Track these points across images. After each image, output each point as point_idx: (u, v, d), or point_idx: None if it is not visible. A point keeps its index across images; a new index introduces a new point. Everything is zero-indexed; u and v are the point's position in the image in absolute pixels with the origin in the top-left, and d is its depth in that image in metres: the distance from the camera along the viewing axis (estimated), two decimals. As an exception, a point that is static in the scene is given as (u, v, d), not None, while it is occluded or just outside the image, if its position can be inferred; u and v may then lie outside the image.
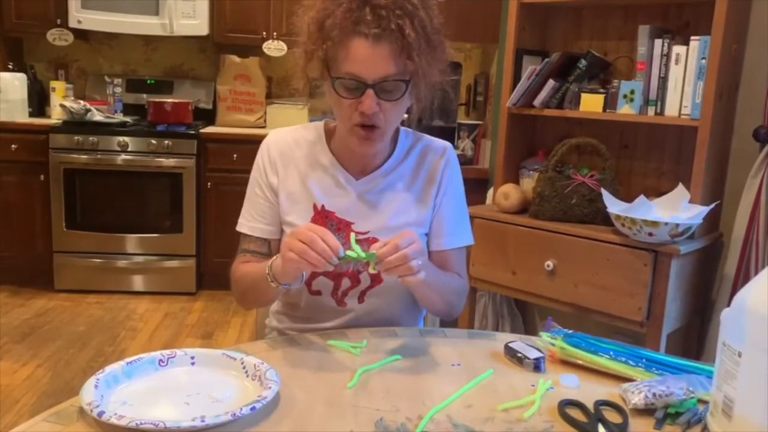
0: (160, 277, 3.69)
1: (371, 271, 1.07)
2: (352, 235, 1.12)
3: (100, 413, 0.82)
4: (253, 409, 0.86)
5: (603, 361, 1.09)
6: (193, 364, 1.01)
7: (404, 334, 1.23)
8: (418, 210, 1.30)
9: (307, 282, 1.28)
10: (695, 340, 2.32)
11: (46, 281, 3.61)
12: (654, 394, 0.95)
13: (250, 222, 1.30)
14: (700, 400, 0.97)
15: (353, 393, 0.98)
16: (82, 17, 3.65)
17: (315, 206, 1.27)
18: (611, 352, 1.10)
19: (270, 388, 0.92)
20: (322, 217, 1.26)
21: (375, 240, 1.25)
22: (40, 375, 2.66)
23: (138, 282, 3.69)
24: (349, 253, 1.04)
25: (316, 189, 1.28)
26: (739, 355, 0.80)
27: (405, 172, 1.31)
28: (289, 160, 1.30)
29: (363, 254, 1.05)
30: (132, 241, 3.66)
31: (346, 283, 1.28)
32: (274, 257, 1.14)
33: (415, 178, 1.31)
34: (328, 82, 1.17)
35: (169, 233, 3.66)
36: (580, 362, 1.11)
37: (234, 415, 0.84)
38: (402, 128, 1.34)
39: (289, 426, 0.87)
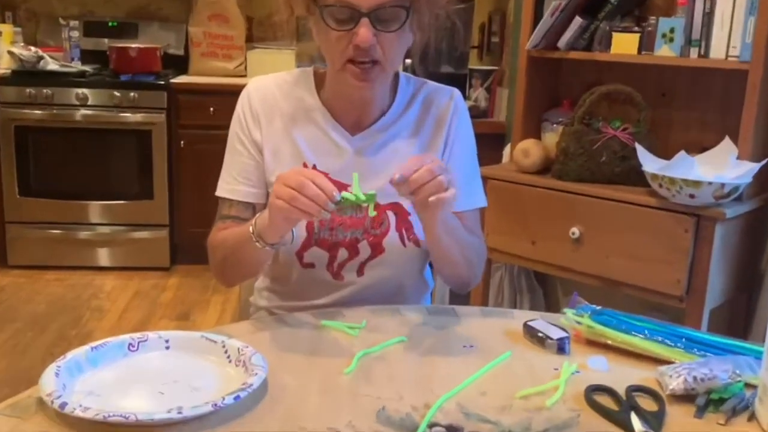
0: (128, 251, 3.70)
1: (370, 214, 1.08)
2: (355, 176, 1.10)
3: (63, 404, 0.83)
4: (236, 398, 0.87)
5: (636, 341, 1.09)
6: (167, 348, 1.02)
7: (409, 312, 1.23)
8: None
9: (299, 253, 1.28)
10: (742, 316, 2.33)
11: (-2, 256, 3.63)
12: (695, 378, 0.96)
13: (231, 184, 1.29)
14: (747, 384, 0.97)
15: (351, 379, 0.98)
16: (29, -52, 3.59)
17: (305, 165, 1.27)
18: (646, 331, 1.11)
19: (256, 374, 0.92)
20: None
21: (375, 204, 1.25)
22: (-5, 362, 2.69)
23: (103, 256, 3.70)
24: (345, 194, 1.04)
25: (305, 146, 1.28)
26: (793, 332, 0.80)
27: (407, 124, 1.31)
28: (274, 111, 1.29)
29: (362, 196, 1.05)
30: (95, 210, 3.66)
31: (342, 254, 1.28)
32: (259, 213, 1.14)
33: (419, 130, 1.31)
34: (315, 16, 1.17)
35: (137, 200, 3.66)
36: (609, 342, 1.11)
37: (215, 405, 0.85)
38: (402, 74, 1.34)
39: (278, 417, 0.88)
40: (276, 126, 1.29)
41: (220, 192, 1.31)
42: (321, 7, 1.14)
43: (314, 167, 1.26)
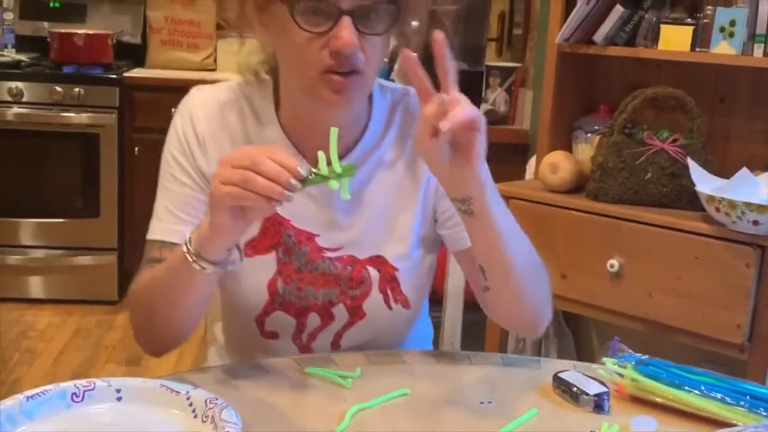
0: (67, 280, 3.69)
1: (344, 196, 1.01)
2: (334, 131, 1.01)
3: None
4: (204, 461, 0.86)
5: (690, 399, 1.09)
6: (119, 399, 1.01)
7: (413, 359, 1.24)
8: (406, 217, 1.26)
9: (259, 320, 1.25)
10: (815, 370, 2.33)
11: None
12: (761, 444, 0.96)
13: (171, 223, 1.22)
14: (825, 453, 0.98)
15: (343, 440, 0.98)
16: None
17: None
18: (702, 386, 1.11)
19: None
20: (275, 225, 1.23)
21: (352, 258, 1.24)
22: None
23: (36, 286, 3.69)
24: (316, 170, 0.99)
25: None
26: None
27: (387, 149, 1.26)
28: (223, 134, 1.23)
29: (339, 168, 0.99)
30: (28, 229, 3.66)
31: (313, 320, 1.26)
32: (195, 228, 1.08)
33: (403, 149, 1.27)
34: (271, 13, 1.12)
35: (80, 218, 3.66)
36: (657, 400, 1.11)
37: (178, 470, 0.85)
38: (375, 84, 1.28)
39: (254, 486, 0.87)
40: (223, 155, 1.11)
41: (156, 234, 1.22)
42: (289, 2, 1.09)
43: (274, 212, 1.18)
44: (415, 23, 1.16)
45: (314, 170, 0.99)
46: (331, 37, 1.08)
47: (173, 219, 1.22)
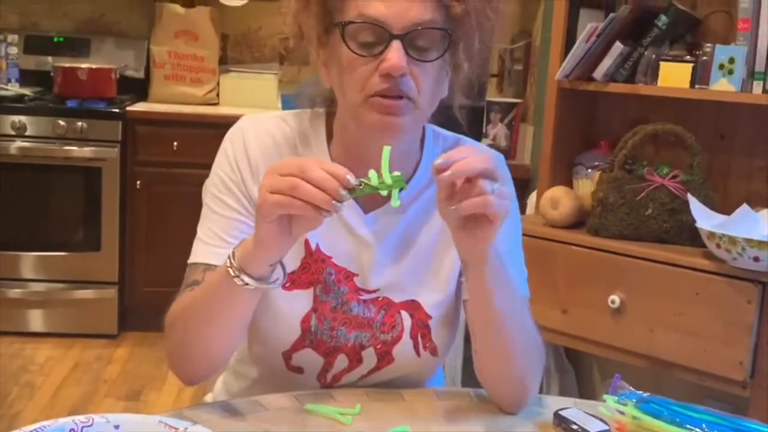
0: (68, 314, 3.68)
1: (394, 204, 1.00)
2: (386, 149, 1.00)
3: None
4: (202, 500, 0.86)
5: (692, 437, 1.09)
6: (117, 435, 1.01)
7: (413, 397, 1.23)
8: (448, 261, 1.25)
9: (287, 354, 1.23)
10: (818, 407, 2.32)
11: None
12: (764, 484, 0.95)
13: (217, 246, 1.18)
14: (828, 493, 0.97)
15: (342, 478, 0.98)
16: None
17: (307, 244, 1.21)
18: (704, 425, 1.10)
19: (226, 470, 0.91)
20: (317, 261, 1.22)
21: (387, 301, 1.23)
22: None
23: (36, 319, 3.68)
24: (366, 180, 0.97)
25: None
26: None
27: (429, 199, 1.23)
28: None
29: (389, 179, 0.98)
30: (29, 263, 3.65)
31: (341, 362, 1.24)
32: (238, 243, 1.07)
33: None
34: (334, 44, 1.13)
35: (81, 251, 3.66)
36: (659, 438, 1.11)
37: (176, 508, 0.84)
38: (429, 127, 1.28)
39: None
40: None
41: (199, 257, 1.19)
42: (341, 24, 1.10)
43: (317, 248, 1.21)
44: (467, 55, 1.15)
45: (364, 180, 0.98)
46: (381, 61, 1.08)
47: (219, 242, 1.19)
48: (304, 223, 1.00)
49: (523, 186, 3.27)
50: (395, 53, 1.07)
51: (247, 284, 1.03)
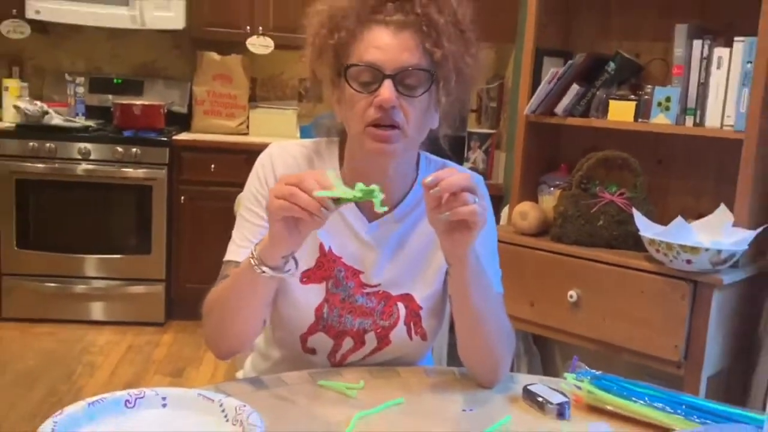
0: (123, 305, 3.67)
1: (377, 209, 1.00)
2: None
3: (57, 462, 0.81)
4: (233, 458, 0.85)
5: (637, 408, 1.08)
6: (164, 405, 1.00)
7: (407, 374, 1.22)
8: (436, 261, 1.24)
9: (303, 337, 1.24)
10: (739, 384, 2.31)
11: (-8, 308, 3.60)
12: (696, 446, 0.95)
13: (245, 248, 1.17)
14: (748, 454, 0.96)
15: (349, 441, 0.97)
16: (40, 7, 3.67)
17: (321, 247, 1.22)
18: (646, 397, 1.10)
19: (253, 434, 0.91)
20: (329, 261, 1.22)
21: (386, 294, 1.23)
22: (-18, 417, 2.64)
23: (97, 310, 3.67)
24: (337, 192, 0.98)
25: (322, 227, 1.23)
26: (795, 401, 0.79)
27: (422, 212, 1.22)
28: None
29: (358, 193, 0.98)
30: (92, 263, 3.65)
31: (348, 343, 1.24)
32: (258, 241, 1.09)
33: None
34: (343, 86, 1.13)
35: (135, 254, 3.65)
36: (610, 408, 1.10)
37: (212, 465, 0.83)
38: (423, 154, 1.29)
39: (275, 479, 0.86)
40: None
41: (232, 256, 1.20)
42: (345, 68, 1.12)
43: (330, 250, 1.22)
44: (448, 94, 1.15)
45: (337, 192, 0.99)
46: (376, 96, 1.10)
47: (248, 244, 1.18)
48: (306, 225, 1.01)
49: (498, 201, 3.26)
50: (387, 89, 1.09)
51: (264, 272, 1.05)
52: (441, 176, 0.99)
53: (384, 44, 1.10)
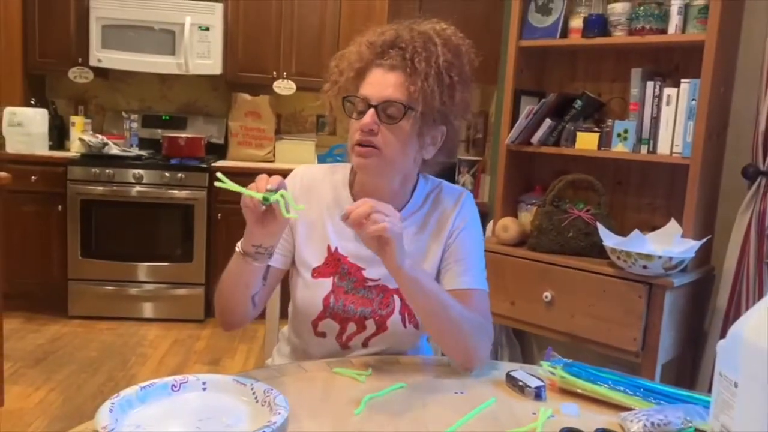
0: (169, 305, 3.67)
1: (284, 215, 1.03)
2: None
3: (115, 437, 0.81)
4: (262, 434, 0.85)
5: (602, 390, 1.08)
6: (204, 389, 1.00)
7: (408, 363, 1.22)
8: (430, 258, 1.25)
9: (314, 323, 1.25)
10: (689, 370, 2.30)
11: (60, 308, 3.60)
12: (652, 423, 0.94)
13: None
14: (697, 430, 0.96)
15: (360, 419, 0.97)
16: (102, 56, 3.71)
17: (329, 247, 1.24)
18: (610, 382, 1.09)
19: (279, 413, 0.91)
20: (335, 259, 1.24)
21: (384, 287, 1.24)
22: (53, 399, 2.63)
23: (148, 309, 3.67)
24: (250, 193, 1.04)
25: (331, 231, 1.25)
26: (735, 385, 0.79)
27: (419, 219, 1.26)
28: (314, 196, 1.27)
29: (260, 196, 1.03)
30: (143, 270, 3.65)
31: (351, 327, 1.25)
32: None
33: (425, 227, 1.26)
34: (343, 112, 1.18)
35: (179, 262, 3.65)
36: (579, 391, 1.09)
37: (244, 439, 0.83)
38: (421, 175, 1.29)
39: (297, 451, 0.86)
40: (313, 208, 1.25)
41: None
42: (344, 99, 1.18)
43: (336, 249, 1.24)
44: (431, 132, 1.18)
45: (263, 194, 1.04)
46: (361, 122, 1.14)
47: None
48: (267, 219, 1.06)
49: (484, 217, 3.22)
50: (368, 116, 1.14)
51: (244, 256, 1.10)
52: (350, 209, 1.02)
53: (375, 81, 1.15)
